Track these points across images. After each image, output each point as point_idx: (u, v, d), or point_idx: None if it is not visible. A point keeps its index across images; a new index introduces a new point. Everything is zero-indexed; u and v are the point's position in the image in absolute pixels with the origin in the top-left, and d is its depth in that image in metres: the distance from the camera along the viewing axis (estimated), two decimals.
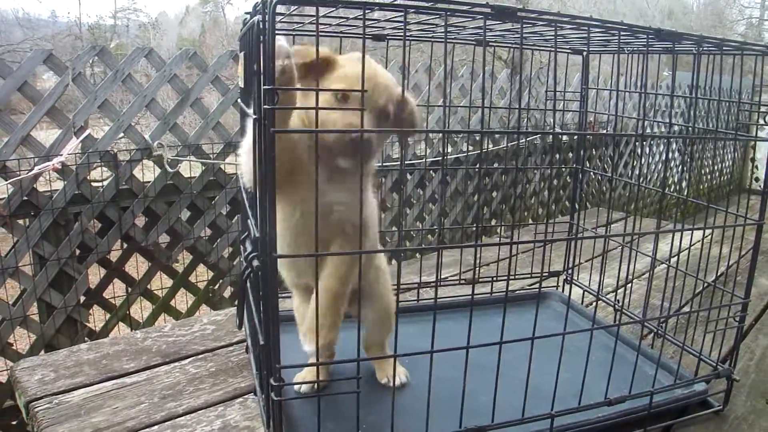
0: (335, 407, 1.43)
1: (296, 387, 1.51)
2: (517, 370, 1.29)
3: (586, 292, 2.19)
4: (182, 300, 4.27)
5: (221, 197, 4.14)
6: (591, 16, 1.25)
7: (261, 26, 1.01)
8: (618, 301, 1.91)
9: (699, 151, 7.90)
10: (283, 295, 2.09)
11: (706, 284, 1.74)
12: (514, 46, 1.90)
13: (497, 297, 2.11)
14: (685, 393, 1.60)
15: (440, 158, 4.59)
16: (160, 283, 4.11)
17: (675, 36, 1.37)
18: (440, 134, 4.98)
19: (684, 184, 7.75)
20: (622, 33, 1.36)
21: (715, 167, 9.30)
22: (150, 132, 3.87)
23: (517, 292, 2.28)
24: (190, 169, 4.03)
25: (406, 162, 4.43)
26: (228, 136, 4.11)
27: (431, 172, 4.85)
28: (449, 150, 5.00)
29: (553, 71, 1.43)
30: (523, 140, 5.29)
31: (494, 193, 5.53)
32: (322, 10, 1.17)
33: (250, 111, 1.12)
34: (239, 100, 1.56)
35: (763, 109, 1.51)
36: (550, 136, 5.52)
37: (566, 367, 1.35)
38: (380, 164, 4.40)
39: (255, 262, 1.13)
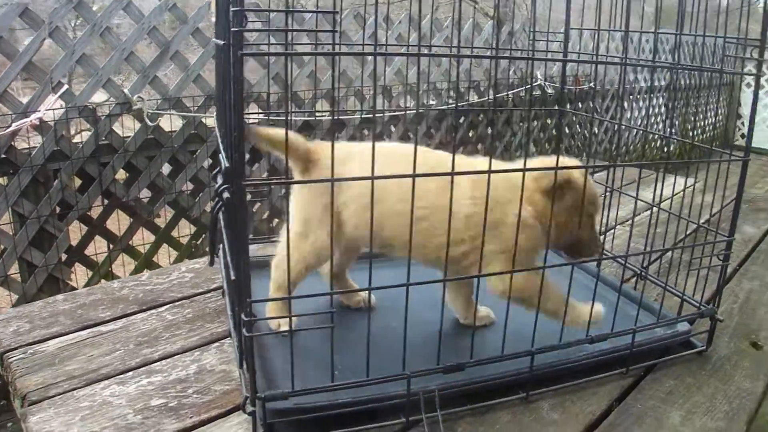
0: (310, 348, 1.41)
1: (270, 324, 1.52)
2: (498, 311, 1.28)
3: None
4: (165, 255, 4.24)
5: (203, 151, 4.09)
6: None
7: None
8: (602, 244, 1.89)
9: (684, 106, 7.88)
10: (259, 239, 2.08)
11: (690, 228, 1.73)
12: None
13: None
14: (668, 333, 1.60)
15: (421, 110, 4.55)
16: (143, 238, 4.08)
17: None
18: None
19: (669, 123, 7.72)
20: None
21: (702, 122, 9.28)
22: (130, 86, 3.80)
23: None
24: (171, 122, 3.97)
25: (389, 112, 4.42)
26: (209, 89, 4.04)
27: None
28: (433, 102, 4.96)
29: (533, 9, 1.40)
30: (509, 93, 5.25)
31: (479, 146, 5.49)
32: None
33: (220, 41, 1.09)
34: (213, 39, 1.53)
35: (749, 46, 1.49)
36: (536, 89, 5.50)
37: None
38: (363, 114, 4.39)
39: (225, 194, 1.10)
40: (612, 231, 2.16)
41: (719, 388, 1.48)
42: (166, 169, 4.07)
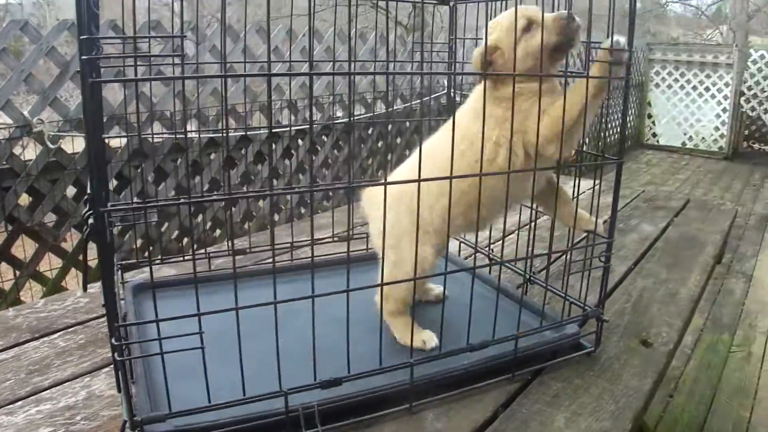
0: (196, 367, 1.41)
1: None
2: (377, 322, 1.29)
3: (462, 244, 2.20)
4: (73, 280, 4.17)
5: (107, 172, 4.01)
6: None
7: None
8: (492, 251, 1.92)
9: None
10: (150, 262, 2.06)
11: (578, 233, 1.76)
12: None
13: (374, 253, 2.11)
14: (555, 336, 1.62)
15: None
16: (49, 264, 4.00)
17: None
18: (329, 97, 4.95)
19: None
20: None
21: (613, 124, 9.46)
22: (29, 108, 3.73)
23: None
24: (74, 144, 3.91)
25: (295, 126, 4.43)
26: (111, 109, 3.98)
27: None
28: (340, 114, 4.99)
29: (421, 22, 1.43)
30: (416, 102, 5.30)
31: (370, 161, 5.51)
32: None
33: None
34: None
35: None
36: (444, 98, 5.55)
37: (432, 317, 1.36)
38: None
39: (90, 220, 1.10)
40: (512, 235, 2.19)
41: (606, 388, 1.51)
42: (70, 191, 3.99)
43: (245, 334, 1.17)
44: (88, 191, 1.12)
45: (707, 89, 11.07)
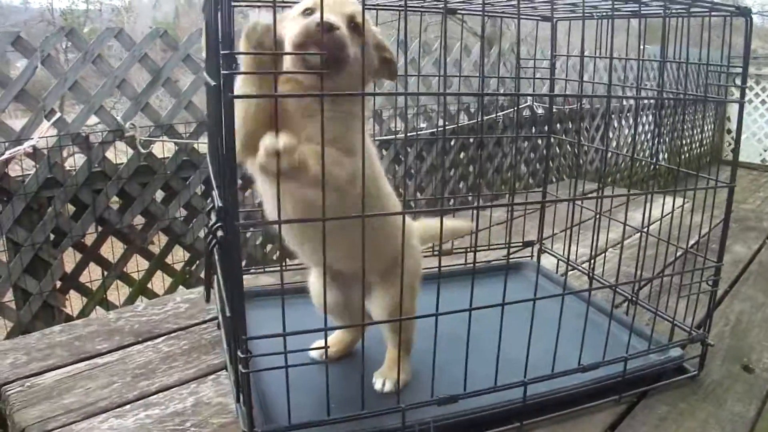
0: (306, 381, 1.42)
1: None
2: (491, 341, 1.29)
3: (560, 262, 2.19)
4: (159, 282, 4.24)
5: (195, 177, 4.09)
6: None
7: None
8: (592, 269, 1.91)
9: (670, 118, 7.90)
10: (255, 270, 2.09)
11: (679, 251, 1.74)
12: (479, 13, 1.88)
13: (471, 268, 2.11)
14: (660, 359, 1.61)
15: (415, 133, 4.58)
16: (137, 265, 4.08)
17: None
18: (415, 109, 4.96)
19: (661, 155, 7.76)
20: None
21: (690, 139, 9.30)
22: (122, 113, 3.82)
23: (492, 262, 2.28)
24: (164, 149, 3.99)
25: (379, 137, 4.43)
26: (201, 115, 4.06)
27: (406, 147, 4.84)
28: (424, 125, 4.99)
29: (517, 39, 1.43)
30: (499, 114, 5.29)
31: (470, 168, 5.52)
32: None
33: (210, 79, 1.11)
34: (204, 72, 1.54)
35: (732, 71, 1.51)
36: (526, 110, 5.53)
37: (540, 336, 1.35)
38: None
39: (219, 233, 1.12)
40: (603, 255, 2.17)
41: (711, 412, 1.49)
42: (159, 195, 4.07)
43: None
44: (217, 203, 1.14)
45: None
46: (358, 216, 1.09)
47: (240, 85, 1.13)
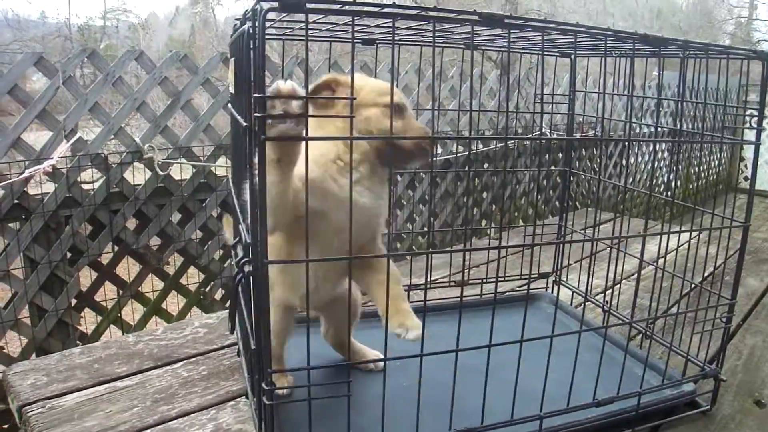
0: (327, 411, 1.44)
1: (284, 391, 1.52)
2: (507, 372, 1.30)
3: (575, 294, 2.20)
4: (173, 302, 4.27)
5: (212, 200, 4.13)
6: (578, 22, 1.26)
7: (251, 33, 1.02)
8: (606, 302, 1.92)
9: (687, 151, 7.92)
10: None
11: (693, 285, 1.75)
12: (502, 50, 1.91)
13: (487, 299, 2.13)
14: (673, 393, 1.62)
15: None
16: (152, 285, 4.10)
17: (661, 41, 1.38)
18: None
19: (673, 184, 7.77)
20: (608, 38, 1.37)
21: (704, 167, 9.30)
22: (141, 134, 3.87)
23: (507, 293, 2.29)
24: (181, 171, 4.03)
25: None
26: (218, 139, 4.11)
27: (421, 173, 4.86)
28: (439, 151, 5.01)
29: (541, 75, 1.45)
30: (513, 142, 5.30)
31: (484, 194, 5.54)
32: (312, 16, 1.19)
33: (241, 118, 1.14)
34: (230, 105, 1.57)
35: (748, 111, 1.53)
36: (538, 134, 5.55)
37: (556, 368, 1.36)
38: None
39: (246, 268, 1.14)
40: (618, 286, 2.19)
41: None
42: (175, 217, 4.11)
43: (363, 377, 1.20)
44: (245, 238, 1.16)
45: None
46: (384, 255, 1.12)
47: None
